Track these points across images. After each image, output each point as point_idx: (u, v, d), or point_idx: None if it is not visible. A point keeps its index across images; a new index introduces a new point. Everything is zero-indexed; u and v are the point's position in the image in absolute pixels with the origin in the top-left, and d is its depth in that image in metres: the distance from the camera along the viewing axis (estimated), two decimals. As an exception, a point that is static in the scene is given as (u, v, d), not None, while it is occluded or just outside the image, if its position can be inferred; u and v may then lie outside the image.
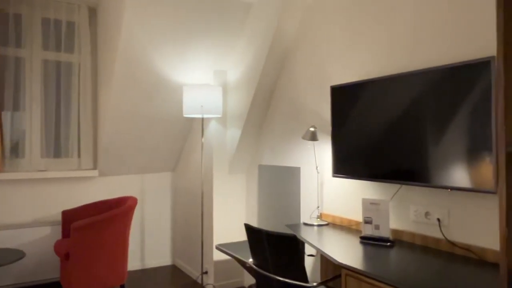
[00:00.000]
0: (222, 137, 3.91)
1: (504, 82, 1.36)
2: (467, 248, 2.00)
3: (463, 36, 2.05)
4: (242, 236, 3.99)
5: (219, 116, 3.76)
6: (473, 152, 1.88)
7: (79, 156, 4.14)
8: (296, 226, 2.79)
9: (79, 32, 4.05)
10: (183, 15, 3.33)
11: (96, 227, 3.33)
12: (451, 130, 1.97)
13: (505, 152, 1.36)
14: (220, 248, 3.10)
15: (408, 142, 2.19)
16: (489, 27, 1.94)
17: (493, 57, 1.80)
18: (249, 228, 2.35)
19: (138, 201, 4.53)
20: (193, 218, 4.31)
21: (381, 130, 2.36)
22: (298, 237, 2.42)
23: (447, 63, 2.11)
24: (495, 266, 1.83)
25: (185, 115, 3.58)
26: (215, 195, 3.86)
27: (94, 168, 4.23)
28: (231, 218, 3.95)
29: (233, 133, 3.82)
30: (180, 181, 4.61)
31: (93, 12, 4.12)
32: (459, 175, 1.94)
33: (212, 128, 3.86)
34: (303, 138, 2.87)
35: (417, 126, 2.14)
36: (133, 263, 4.48)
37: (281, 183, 3.47)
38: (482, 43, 1.97)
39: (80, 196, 4.18)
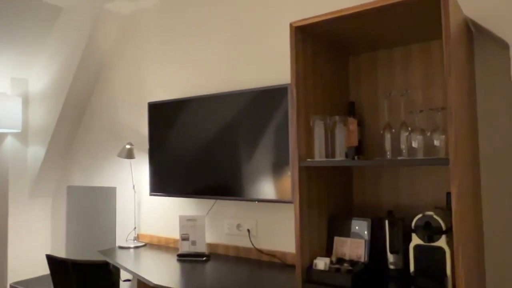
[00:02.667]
0: (22, 155, 3.36)
1: (296, 105, 1.58)
2: (272, 254, 2.22)
3: (270, 65, 2.32)
4: (47, 270, 3.48)
5: (18, 131, 3.23)
6: (277, 168, 2.11)
7: None
8: (110, 251, 2.59)
9: None
10: (-32, 9, 2.76)
11: None
12: (260, 147, 2.18)
13: (298, 167, 1.57)
14: (15, 286, 2.62)
15: (222, 159, 2.32)
16: (288, 59, 2.25)
17: (289, 84, 2.09)
18: (51, 259, 2.06)
19: None
20: (-21, 254, 3.53)
21: (197, 148, 2.43)
22: (112, 263, 2.25)
23: (256, 87, 2.34)
24: (293, 267, 2.08)
25: (-31, 129, 2.94)
26: (10, 224, 3.26)
27: None
28: (32, 250, 3.40)
29: (36, 151, 3.34)
30: (-39, 210, 3.73)
31: None
32: (266, 188, 2.15)
33: (8, 145, 3.28)
34: (119, 156, 2.72)
35: (230, 144, 2.29)
36: None
37: (94, 206, 3.19)
38: (285, 71, 2.25)
39: None
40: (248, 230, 2.33)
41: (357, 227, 1.70)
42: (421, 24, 1.56)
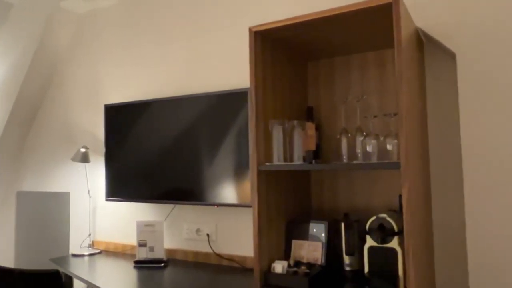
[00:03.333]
0: (-34, 159, 3.15)
1: (255, 109, 1.58)
2: (231, 258, 2.21)
3: (230, 68, 2.31)
4: (-7, 280, 3.27)
5: (-38, 133, 3.03)
6: (237, 172, 2.11)
7: None
8: (63, 259, 2.47)
9: None
10: None
11: None
12: (220, 151, 2.17)
13: (257, 170, 1.58)
14: (-44, 300, 2.44)
15: (181, 163, 2.28)
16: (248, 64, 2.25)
17: (249, 88, 2.09)
18: (-3, 269, 1.94)
19: None
20: None
21: (156, 152, 2.38)
22: (64, 271, 2.16)
23: (216, 90, 2.33)
24: (252, 271, 2.07)
25: None
26: (-48, 232, 3.05)
27: None
28: (-24, 260, 3.19)
29: (-18, 155, 3.14)
30: None
31: None
32: (226, 193, 2.14)
33: (-50, 148, 3.07)
34: (73, 159, 2.61)
35: (190, 148, 2.26)
36: None
37: (46, 212, 3.04)
38: (245, 76, 2.26)
39: None
40: (208, 235, 2.31)
41: (314, 230, 1.72)
42: (375, 33, 1.62)
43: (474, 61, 1.65)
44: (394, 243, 1.41)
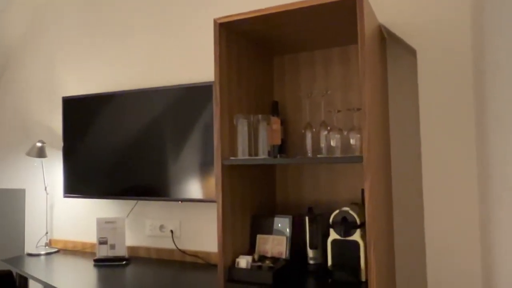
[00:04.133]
0: None
1: (219, 103, 1.56)
2: (196, 254, 2.18)
3: (197, 61, 2.27)
4: None
5: None
6: (202, 167, 2.07)
7: None
8: (17, 259, 2.35)
9: None
10: None
11: None
12: (185, 146, 2.12)
13: (221, 165, 1.55)
14: None
15: (144, 158, 2.22)
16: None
17: (213, 81, 2.06)
18: None
19: None
20: None
21: (118, 146, 2.30)
22: (18, 272, 2.05)
23: (182, 83, 2.28)
24: (217, 267, 2.05)
25: None
26: None
27: None
28: None
29: None
30: None
31: None
32: (190, 188, 2.10)
33: None
34: (28, 154, 2.49)
35: (154, 143, 2.20)
36: None
37: (-1, 210, 2.88)
38: (211, 69, 2.21)
39: None
40: (171, 231, 2.27)
41: (279, 225, 1.72)
42: (339, 29, 1.63)
43: (434, 58, 1.70)
44: (356, 236, 1.44)
